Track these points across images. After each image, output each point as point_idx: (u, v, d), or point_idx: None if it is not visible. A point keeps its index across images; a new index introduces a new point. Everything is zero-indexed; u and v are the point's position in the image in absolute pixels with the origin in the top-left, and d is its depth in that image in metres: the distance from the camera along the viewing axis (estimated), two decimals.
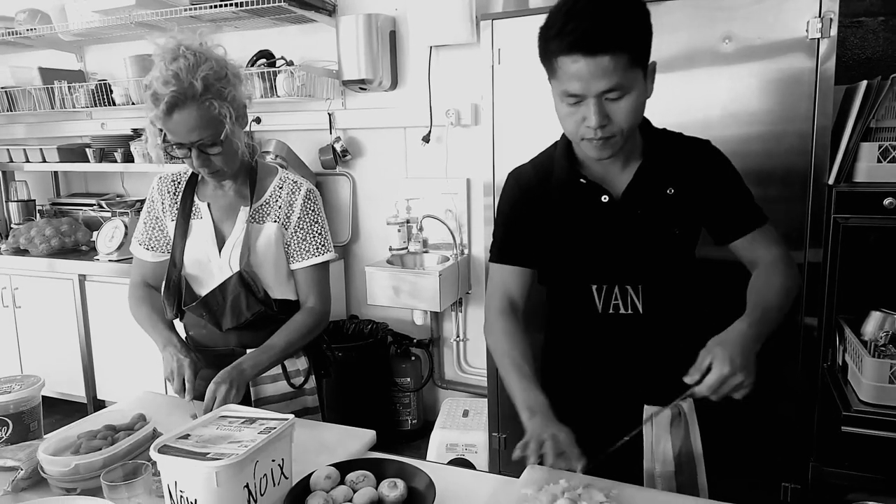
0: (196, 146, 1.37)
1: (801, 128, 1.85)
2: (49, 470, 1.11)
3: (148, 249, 1.61)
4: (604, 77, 1.05)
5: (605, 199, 1.22)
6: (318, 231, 1.56)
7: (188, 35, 1.38)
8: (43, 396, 1.35)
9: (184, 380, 1.40)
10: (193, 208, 1.55)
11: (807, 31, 1.79)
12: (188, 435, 1.03)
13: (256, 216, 1.52)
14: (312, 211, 1.55)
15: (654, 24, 1.12)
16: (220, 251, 1.51)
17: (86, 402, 3.45)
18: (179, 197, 1.56)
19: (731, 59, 1.90)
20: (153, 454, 0.97)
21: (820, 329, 1.89)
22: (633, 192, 1.22)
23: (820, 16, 1.77)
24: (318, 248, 1.55)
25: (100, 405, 3.43)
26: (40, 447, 1.14)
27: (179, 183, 1.59)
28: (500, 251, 1.33)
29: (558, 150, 1.28)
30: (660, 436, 1.26)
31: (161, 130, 1.38)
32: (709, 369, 1.04)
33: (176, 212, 1.56)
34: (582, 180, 1.23)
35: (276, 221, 1.52)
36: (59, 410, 3.45)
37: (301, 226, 1.54)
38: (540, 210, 1.28)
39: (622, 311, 1.25)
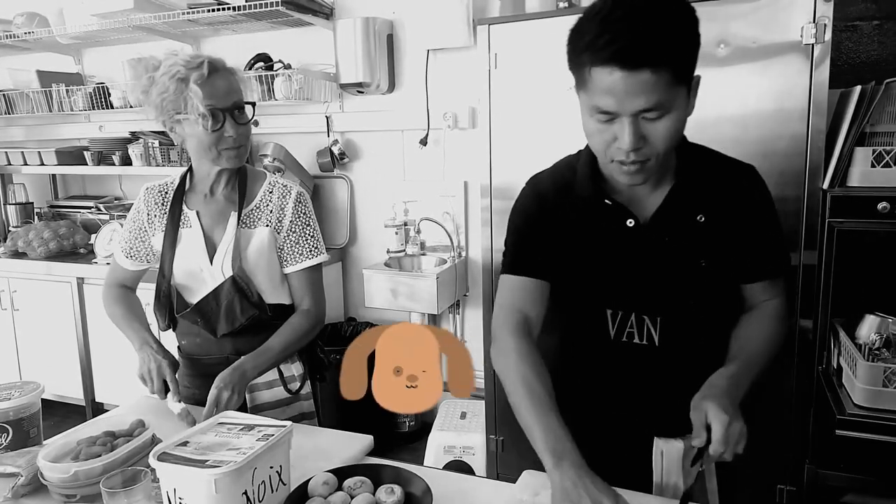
0: (231, 112, 1.42)
1: (796, 131, 1.87)
2: (49, 476, 1.12)
3: (129, 258, 1.61)
4: (642, 94, 0.92)
5: (630, 223, 1.11)
6: (311, 234, 1.57)
7: (177, 44, 1.41)
8: (41, 399, 1.36)
9: (165, 381, 1.43)
10: (182, 217, 1.54)
11: (801, 36, 1.80)
12: (187, 442, 1.04)
13: (247, 221, 1.52)
14: (304, 214, 1.56)
15: None
16: (211, 260, 1.50)
17: (84, 404, 3.45)
18: (168, 207, 1.56)
19: (726, 62, 1.91)
20: (153, 462, 0.98)
21: (815, 332, 1.90)
22: (662, 217, 1.11)
23: (814, 21, 1.78)
24: (310, 251, 1.56)
25: (98, 408, 3.44)
26: (40, 454, 1.15)
27: (167, 193, 1.58)
28: (514, 261, 1.21)
29: (581, 161, 1.17)
30: (670, 470, 1.19)
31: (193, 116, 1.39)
32: (709, 428, 0.98)
33: (164, 222, 1.55)
34: (607, 201, 1.12)
35: (267, 226, 1.53)
36: (57, 413, 3.46)
37: (293, 229, 1.54)
38: (557, 224, 1.17)
39: (636, 340, 1.16)
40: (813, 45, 1.80)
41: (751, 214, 1.12)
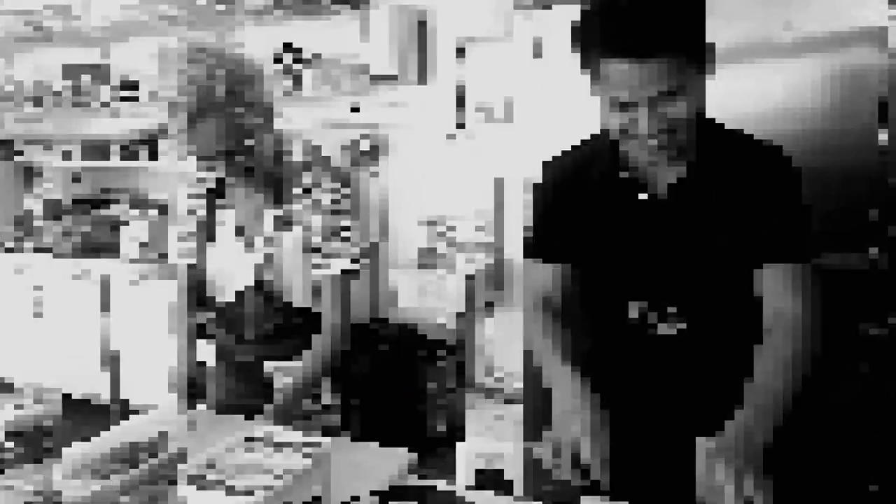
0: (223, 156, 1.28)
1: (867, 126, 1.72)
2: (66, 495, 1.04)
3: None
4: (656, 82, 0.93)
5: (644, 196, 1.10)
6: (346, 237, 1.43)
7: (202, 34, 1.28)
8: (67, 398, 1.28)
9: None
10: (219, 211, 1.47)
11: (877, 18, 1.66)
12: (214, 463, 0.95)
13: (284, 221, 1.43)
14: (342, 216, 1.44)
15: (707, 13, 1.01)
16: (245, 257, 1.42)
17: (109, 403, 3.41)
18: (205, 200, 1.48)
19: (791, 49, 1.78)
20: (181, 488, 0.89)
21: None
22: (679, 192, 1.08)
23: (891, 1, 1.64)
24: (342, 255, 1.42)
25: (125, 407, 3.39)
26: (56, 469, 1.07)
27: (209, 183, 1.49)
28: (535, 246, 1.23)
29: (600, 140, 1.16)
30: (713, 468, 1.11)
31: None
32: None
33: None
34: (622, 174, 1.11)
35: (301, 224, 1.42)
36: (83, 412, 3.42)
37: (327, 232, 1.43)
38: (576, 206, 1.16)
39: (661, 330, 1.11)
40: (888, 28, 1.65)
41: (768, 195, 1.05)
